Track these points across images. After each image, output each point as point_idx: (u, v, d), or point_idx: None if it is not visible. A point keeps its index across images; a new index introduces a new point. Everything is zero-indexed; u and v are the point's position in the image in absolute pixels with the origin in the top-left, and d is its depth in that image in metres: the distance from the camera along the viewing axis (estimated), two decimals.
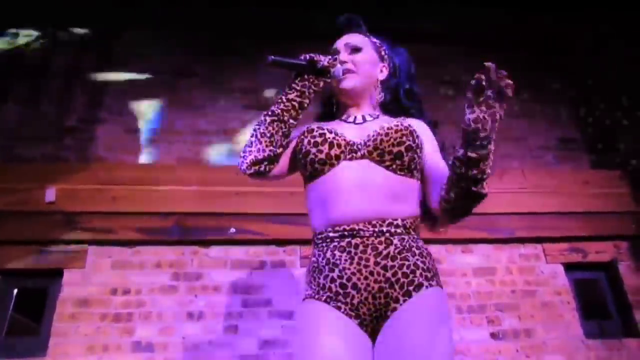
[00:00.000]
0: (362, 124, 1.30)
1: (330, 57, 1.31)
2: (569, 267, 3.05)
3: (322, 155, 1.21)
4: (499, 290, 2.92)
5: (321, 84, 1.29)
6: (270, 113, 1.26)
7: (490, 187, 3.40)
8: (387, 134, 1.21)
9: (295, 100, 1.26)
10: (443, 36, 3.75)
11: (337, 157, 1.21)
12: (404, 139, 1.21)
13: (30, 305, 2.61)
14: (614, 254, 3.08)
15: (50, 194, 2.67)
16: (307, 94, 1.27)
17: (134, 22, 3.48)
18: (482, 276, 2.95)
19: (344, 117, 1.36)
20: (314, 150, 1.21)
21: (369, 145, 1.21)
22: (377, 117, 1.34)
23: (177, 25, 3.50)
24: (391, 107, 1.40)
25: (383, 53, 1.43)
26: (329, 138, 1.22)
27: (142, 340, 2.48)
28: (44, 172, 2.80)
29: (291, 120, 1.26)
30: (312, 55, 1.27)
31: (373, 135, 1.22)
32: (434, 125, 1.39)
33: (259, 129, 1.26)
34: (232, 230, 2.76)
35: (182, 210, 2.76)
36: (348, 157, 1.21)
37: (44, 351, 2.40)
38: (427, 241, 2.98)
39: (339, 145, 1.21)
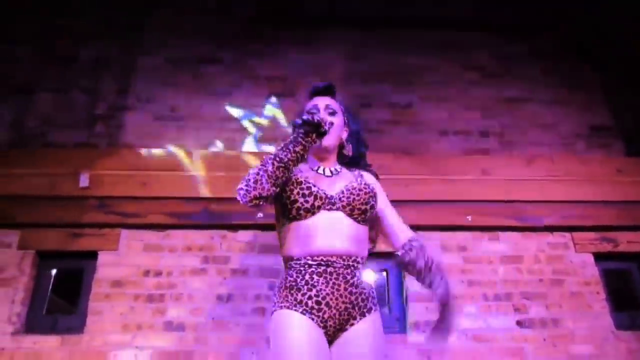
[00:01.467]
0: (331, 177, 1.65)
1: (328, 122, 1.57)
2: (598, 257, 2.99)
3: (308, 205, 1.51)
4: (527, 278, 2.89)
5: (317, 141, 1.56)
6: (278, 160, 1.46)
7: (518, 174, 3.35)
8: (358, 195, 1.57)
9: (299, 153, 1.50)
10: (468, 22, 3.70)
11: (319, 207, 1.53)
12: (369, 200, 1.59)
13: (67, 285, 2.72)
14: None
15: (84, 180, 2.76)
16: (307, 148, 1.52)
17: (160, 9, 3.54)
18: (509, 264, 2.92)
19: (315, 168, 1.67)
20: (301, 200, 1.51)
21: (343, 201, 1.55)
22: (340, 171, 1.70)
23: (202, 12, 3.53)
24: (348, 161, 1.77)
25: (346, 119, 1.78)
26: (314, 192, 1.53)
27: (174, 320, 2.56)
28: (76, 158, 2.89)
29: (292, 168, 1.50)
30: (319, 118, 1.53)
31: (346, 194, 1.56)
32: (376, 177, 1.79)
33: (266, 170, 1.45)
34: (260, 215, 2.80)
35: (210, 195, 2.81)
36: (326, 208, 1.53)
37: (81, 329, 2.51)
38: (453, 228, 3.01)
39: (321, 199, 1.53)
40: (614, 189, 3.07)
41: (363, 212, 1.57)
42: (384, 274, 2.92)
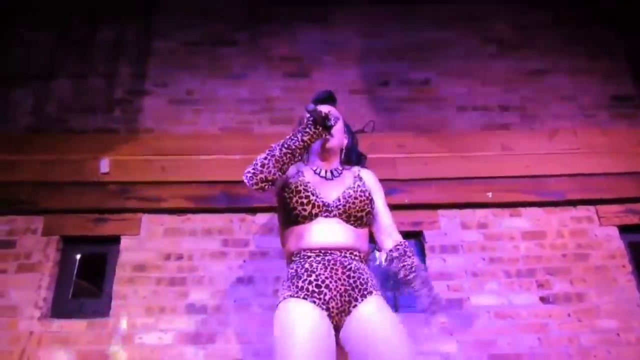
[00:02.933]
0: (332, 180, 1.72)
1: (335, 117, 1.64)
2: (624, 230, 2.92)
3: (306, 213, 1.60)
4: (550, 254, 2.84)
5: (324, 135, 1.62)
6: (286, 146, 1.55)
7: (540, 147, 3.28)
8: (354, 203, 1.63)
9: (307, 142, 1.58)
10: None
11: (317, 215, 1.61)
12: (365, 207, 1.66)
13: (91, 270, 2.77)
14: None
15: (105, 165, 2.79)
16: (314, 139, 1.60)
17: None
18: (532, 240, 2.88)
19: (315, 169, 1.74)
20: (300, 208, 1.60)
21: (340, 209, 1.63)
22: (341, 173, 1.77)
23: None
24: (348, 163, 1.87)
25: (346, 128, 1.90)
26: (312, 200, 1.60)
27: (196, 303, 2.59)
28: (96, 143, 2.92)
29: (299, 156, 1.59)
30: (327, 112, 1.60)
31: (342, 202, 1.63)
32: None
33: (273, 155, 1.54)
34: None
35: (228, 178, 2.81)
36: (324, 215, 1.61)
37: (107, 312, 2.56)
38: (473, 205, 2.96)
39: (318, 207, 1.61)
40: (637, 160, 2.99)
41: (359, 219, 1.65)
42: None
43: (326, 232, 1.60)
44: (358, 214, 1.64)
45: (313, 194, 1.63)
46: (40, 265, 2.65)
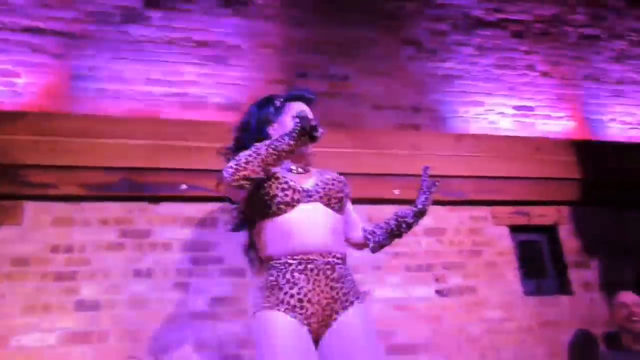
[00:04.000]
0: (303, 174, 1.72)
1: (322, 131, 1.58)
2: (514, 229, 3.19)
3: (288, 199, 1.57)
4: (448, 250, 3.03)
5: (306, 144, 1.58)
6: (273, 147, 1.51)
7: (446, 149, 3.43)
8: (332, 184, 1.67)
9: (292, 147, 1.53)
10: None
11: (298, 201, 1.58)
12: (344, 189, 1.72)
13: None
14: (556, 218, 3.24)
15: None
16: (299, 146, 1.55)
17: None
18: (433, 236, 3.03)
19: (285, 167, 1.71)
20: (281, 194, 1.57)
21: (320, 192, 1.63)
22: (310, 170, 1.77)
23: None
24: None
25: None
26: (292, 185, 1.60)
27: (87, 299, 2.40)
28: None
29: (283, 160, 1.57)
30: (316, 124, 1.54)
31: (322, 185, 1.65)
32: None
33: (259, 154, 1.50)
34: (184, 186, 2.66)
35: (131, 165, 2.62)
36: (305, 201, 1.59)
37: None
38: (381, 201, 3.04)
39: (299, 192, 1.60)
40: (530, 166, 3.25)
41: (340, 200, 1.66)
42: None
43: (308, 228, 1.56)
44: (338, 195, 1.66)
45: (293, 181, 1.63)
46: None
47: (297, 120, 1.51)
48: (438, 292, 2.91)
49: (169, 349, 2.41)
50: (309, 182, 1.67)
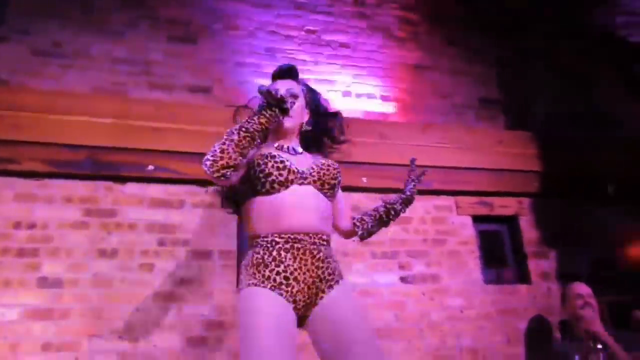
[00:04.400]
0: (295, 155, 1.67)
1: (291, 101, 1.55)
2: (476, 219, 3.28)
3: (282, 178, 1.54)
4: (412, 238, 3.09)
5: (280, 117, 1.54)
6: (244, 129, 1.47)
7: (413, 139, 3.46)
8: (327, 170, 1.63)
9: (264, 125, 1.50)
10: None
11: (292, 182, 1.56)
12: (338, 175, 1.67)
13: None
14: (517, 209, 3.35)
15: None
16: (271, 122, 1.52)
17: None
18: (398, 224, 3.09)
19: (277, 145, 1.68)
20: (276, 172, 1.54)
21: (314, 176, 1.60)
22: (302, 152, 1.72)
23: None
24: (309, 142, 1.79)
25: (308, 99, 1.80)
26: (287, 165, 1.56)
27: (49, 276, 2.38)
28: None
29: (258, 140, 1.50)
30: (283, 95, 1.51)
31: (317, 169, 1.62)
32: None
33: (232, 139, 1.45)
34: (151, 167, 2.65)
35: (96, 143, 2.60)
36: (298, 182, 1.57)
37: None
38: (349, 189, 3.08)
39: (293, 172, 1.57)
40: (493, 158, 3.35)
41: (332, 187, 1.63)
42: None
43: (298, 209, 1.54)
44: (332, 181, 1.63)
45: (288, 160, 1.59)
46: None
47: (262, 90, 1.48)
48: (402, 279, 2.98)
49: (132, 329, 2.41)
50: (303, 164, 1.64)
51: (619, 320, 3.00)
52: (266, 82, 1.76)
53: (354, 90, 3.40)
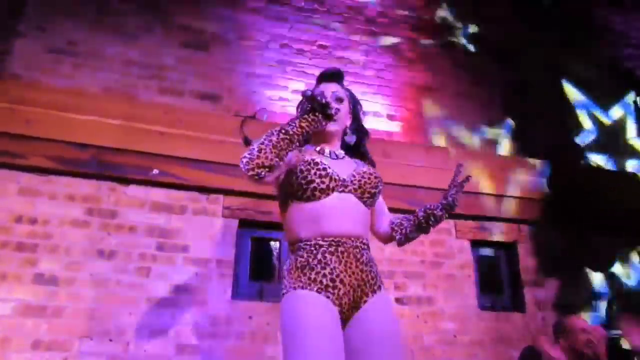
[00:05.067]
0: (337, 160, 1.67)
1: (336, 107, 1.60)
2: (475, 244, 3.28)
3: (324, 186, 1.54)
4: (410, 259, 3.09)
5: (323, 123, 1.57)
6: (284, 132, 1.48)
7: (416, 160, 3.47)
8: (368, 179, 1.62)
9: (305, 129, 1.52)
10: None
11: (333, 189, 1.56)
12: (379, 185, 1.66)
13: None
14: (516, 236, 3.35)
15: None
16: (312, 127, 1.54)
17: None
18: (396, 245, 3.09)
19: (318, 149, 1.68)
20: (318, 180, 1.54)
21: (355, 184, 1.60)
22: (343, 157, 1.71)
23: None
24: (351, 147, 1.78)
25: (351, 106, 1.79)
26: (330, 173, 1.56)
27: (46, 273, 2.38)
28: None
29: (297, 143, 1.52)
30: (327, 100, 1.55)
31: (358, 177, 1.61)
32: (373, 166, 1.80)
33: (271, 140, 1.46)
34: (155, 171, 2.67)
35: (103, 143, 2.62)
36: (339, 190, 1.57)
37: None
38: None
39: (335, 180, 1.57)
40: (495, 183, 3.36)
41: (372, 196, 1.63)
42: None
43: (339, 214, 1.55)
44: (372, 190, 1.62)
45: (330, 167, 1.58)
46: None
47: (307, 95, 1.50)
48: (397, 300, 2.96)
49: (124, 332, 2.40)
50: (345, 170, 1.63)
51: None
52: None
53: (364, 108, 3.43)
